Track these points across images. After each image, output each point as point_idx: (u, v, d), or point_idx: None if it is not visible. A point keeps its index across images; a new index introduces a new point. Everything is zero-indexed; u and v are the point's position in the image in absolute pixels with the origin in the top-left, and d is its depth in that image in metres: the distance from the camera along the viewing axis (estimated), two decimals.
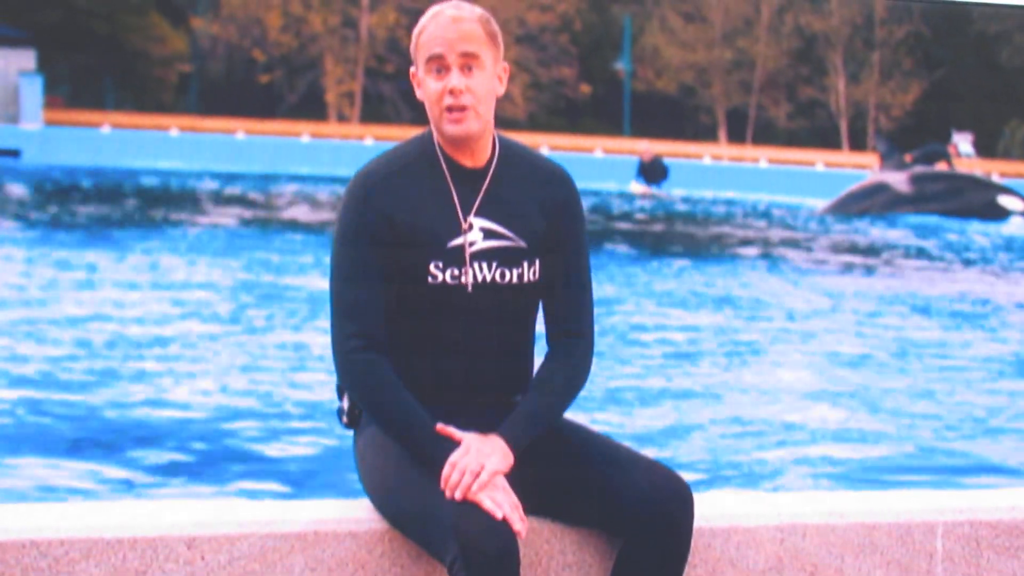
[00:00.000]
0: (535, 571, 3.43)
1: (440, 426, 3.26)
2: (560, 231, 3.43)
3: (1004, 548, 3.75)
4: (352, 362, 3.29)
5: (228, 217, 24.39)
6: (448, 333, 3.36)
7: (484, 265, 3.35)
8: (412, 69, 3.41)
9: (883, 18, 58.15)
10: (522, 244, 3.39)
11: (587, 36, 58.53)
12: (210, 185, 33.25)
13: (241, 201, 28.71)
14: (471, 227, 3.35)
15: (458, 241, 3.34)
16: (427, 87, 3.34)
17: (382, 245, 3.31)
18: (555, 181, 3.46)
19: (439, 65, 3.31)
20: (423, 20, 3.36)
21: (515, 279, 3.38)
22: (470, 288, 3.35)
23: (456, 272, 3.34)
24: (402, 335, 3.36)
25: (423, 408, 3.27)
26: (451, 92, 3.30)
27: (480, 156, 3.40)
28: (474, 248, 3.35)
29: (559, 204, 3.44)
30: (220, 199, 29.00)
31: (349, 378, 3.31)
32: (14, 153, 39.55)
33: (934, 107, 56.67)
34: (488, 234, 3.36)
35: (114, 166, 38.67)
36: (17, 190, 28.65)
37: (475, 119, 3.32)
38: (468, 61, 3.31)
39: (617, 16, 59.76)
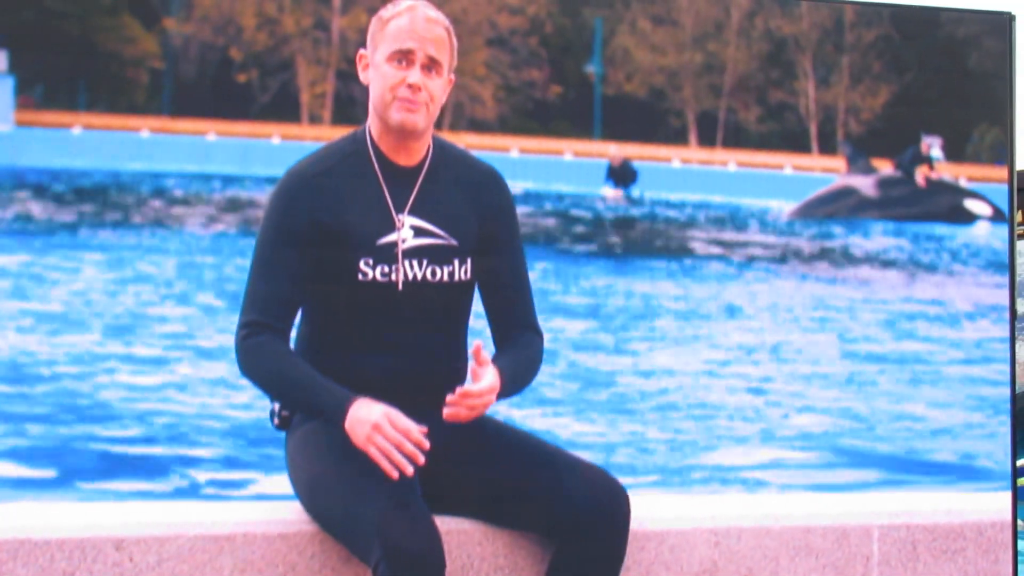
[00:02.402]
0: (467, 574, 3.41)
1: None
2: (499, 233, 3.43)
3: (941, 551, 3.75)
4: (243, 348, 3.28)
5: (198, 219, 24.30)
6: (379, 331, 3.34)
7: (415, 263, 3.34)
8: (362, 51, 3.40)
9: (852, 22, 58.48)
10: (453, 243, 3.38)
11: (558, 39, 58.64)
12: (180, 187, 33.16)
13: (212, 204, 28.63)
14: (403, 224, 3.34)
15: (390, 238, 3.33)
16: (383, 71, 3.33)
17: (308, 246, 3.30)
18: (489, 183, 3.45)
19: (404, 58, 3.31)
20: (397, 8, 3.35)
21: (445, 277, 3.37)
22: (400, 286, 3.33)
23: (387, 269, 3.32)
24: (334, 333, 3.34)
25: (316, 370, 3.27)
26: (410, 86, 3.30)
27: (415, 155, 3.39)
28: (405, 245, 3.34)
29: (495, 207, 3.44)
30: (189, 201, 28.92)
31: (241, 360, 3.29)
32: None
33: (904, 111, 56.93)
34: (419, 232, 3.35)
35: (84, 168, 38.58)
36: None
37: (424, 115, 3.33)
38: (432, 64, 3.33)
39: (588, 19, 59.95)
